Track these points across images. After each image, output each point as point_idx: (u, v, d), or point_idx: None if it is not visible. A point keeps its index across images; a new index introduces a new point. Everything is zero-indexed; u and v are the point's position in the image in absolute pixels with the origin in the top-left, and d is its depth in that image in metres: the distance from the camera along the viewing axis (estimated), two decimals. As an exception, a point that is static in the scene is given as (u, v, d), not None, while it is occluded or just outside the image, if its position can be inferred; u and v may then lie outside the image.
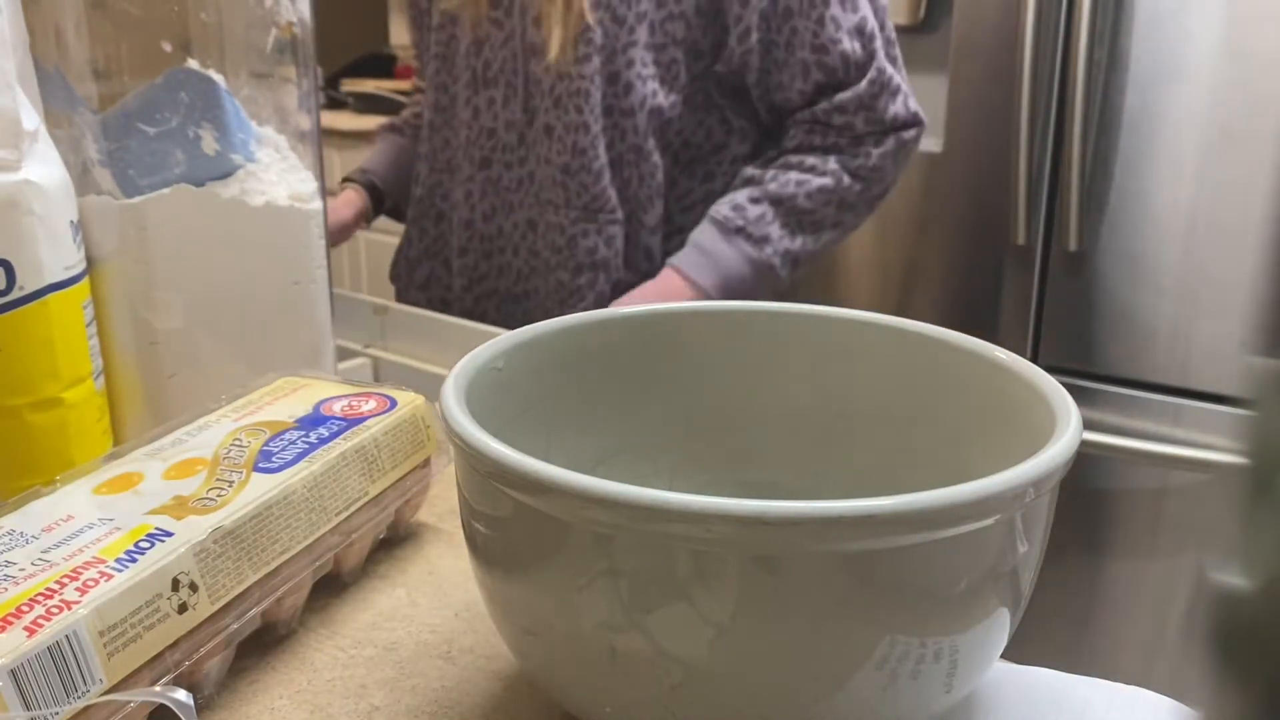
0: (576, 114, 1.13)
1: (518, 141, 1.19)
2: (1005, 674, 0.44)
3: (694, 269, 1.13)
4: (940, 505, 0.31)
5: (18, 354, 0.51)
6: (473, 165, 1.23)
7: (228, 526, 0.43)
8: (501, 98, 1.19)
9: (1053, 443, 0.35)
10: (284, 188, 0.62)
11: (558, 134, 1.15)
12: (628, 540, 0.32)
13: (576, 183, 1.14)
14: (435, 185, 1.30)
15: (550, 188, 1.17)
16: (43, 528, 0.42)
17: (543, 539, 0.34)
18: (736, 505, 0.30)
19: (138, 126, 0.59)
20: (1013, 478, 0.32)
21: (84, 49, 0.58)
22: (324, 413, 0.52)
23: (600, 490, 0.32)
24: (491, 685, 0.44)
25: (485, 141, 1.21)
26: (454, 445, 0.37)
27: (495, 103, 1.19)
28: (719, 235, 1.13)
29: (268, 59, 0.63)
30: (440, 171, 1.29)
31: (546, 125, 1.16)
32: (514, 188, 1.21)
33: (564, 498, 0.33)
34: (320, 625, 0.49)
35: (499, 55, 1.18)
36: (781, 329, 0.50)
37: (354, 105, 2.45)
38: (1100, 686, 0.42)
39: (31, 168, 0.51)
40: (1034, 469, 0.33)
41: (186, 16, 0.60)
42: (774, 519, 0.30)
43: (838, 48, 1.12)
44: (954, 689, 0.35)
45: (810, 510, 0.30)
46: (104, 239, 0.58)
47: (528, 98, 1.17)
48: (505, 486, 0.35)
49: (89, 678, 0.37)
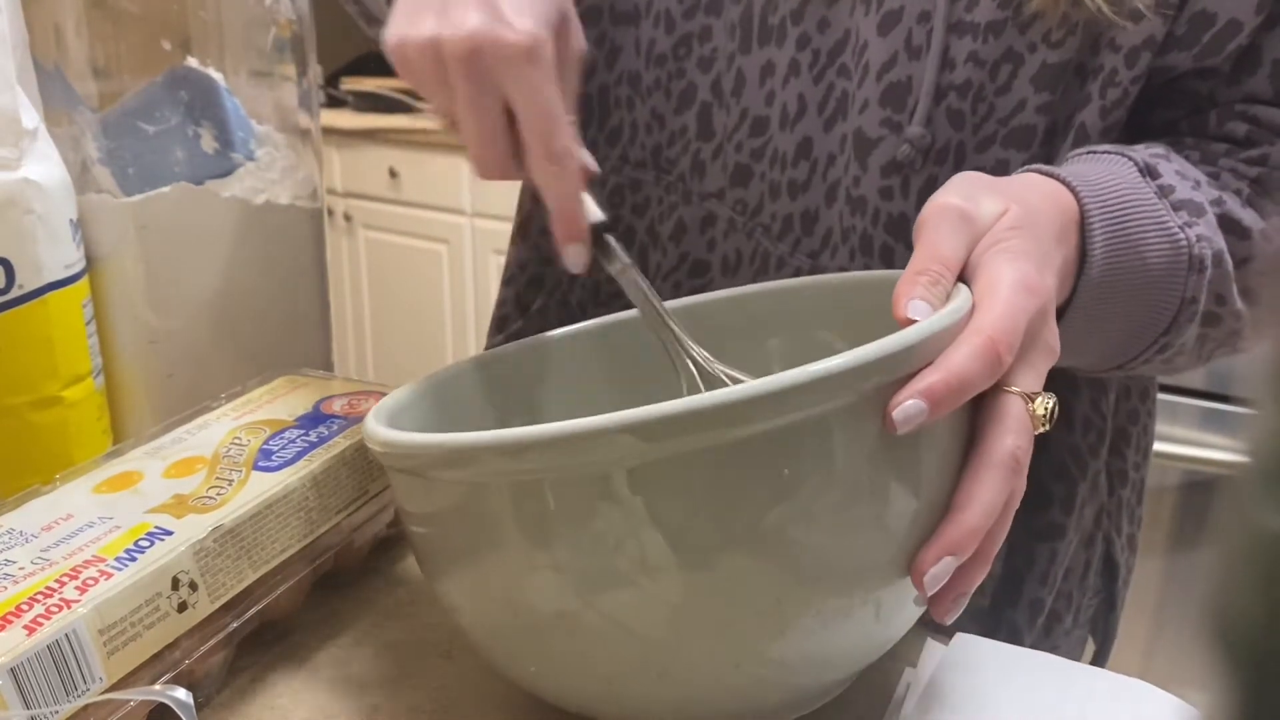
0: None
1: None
2: (1010, 657, 0.44)
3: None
4: (769, 390, 0.32)
5: (17, 353, 0.51)
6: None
7: (228, 525, 0.43)
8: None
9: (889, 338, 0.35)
10: (283, 186, 0.62)
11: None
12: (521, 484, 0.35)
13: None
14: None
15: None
16: (42, 526, 0.42)
17: (467, 511, 0.37)
18: (615, 419, 0.32)
19: (137, 125, 0.59)
20: (836, 364, 0.33)
21: (84, 47, 0.58)
22: (324, 411, 0.52)
23: (466, 443, 0.35)
24: (491, 685, 0.44)
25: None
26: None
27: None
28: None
29: (267, 57, 0.63)
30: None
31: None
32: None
33: (434, 456, 0.36)
34: (320, 624, 0.49)
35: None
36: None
37: (354, 104, 2.45)
38: (1104, 677, 0.42)
39: (31, 166, 0.50)
40: (857, 357, 0.33)
41: (186, 15, 0.60)
42: (656, 421, 0.32)
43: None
44: (882, 615, 0.37)
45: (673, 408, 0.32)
46: (103, 238, 0.58)
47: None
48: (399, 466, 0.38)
49: (89, 676, 0.37)
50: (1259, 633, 0.14)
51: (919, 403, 0.34)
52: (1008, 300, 0.37)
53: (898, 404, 0.34)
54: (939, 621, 0.38)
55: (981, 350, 0.35)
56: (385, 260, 2.42)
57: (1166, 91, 0.51)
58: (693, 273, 0.61)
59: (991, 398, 0.37)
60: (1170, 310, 0.47)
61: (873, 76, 0.52)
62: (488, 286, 2.24)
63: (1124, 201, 0.45)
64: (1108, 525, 0.62)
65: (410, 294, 2.39)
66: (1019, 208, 0.41)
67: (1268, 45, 0.48)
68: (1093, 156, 0.48)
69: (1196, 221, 0.46)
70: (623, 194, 0.63)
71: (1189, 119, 0.52)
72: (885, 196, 0.53)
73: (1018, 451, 0.36)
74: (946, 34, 0.50)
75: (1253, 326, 0.52)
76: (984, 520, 0.36)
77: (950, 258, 0.39)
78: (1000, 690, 0.42)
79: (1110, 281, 0.45)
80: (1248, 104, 0.50)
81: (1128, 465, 0.62)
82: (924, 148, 0.52)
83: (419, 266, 2.34)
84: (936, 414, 0.34)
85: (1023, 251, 0.39)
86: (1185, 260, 0.46)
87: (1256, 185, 0.50)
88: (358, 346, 2.55)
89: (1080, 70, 0.50)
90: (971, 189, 0.41)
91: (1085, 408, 0.58)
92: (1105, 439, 0.59)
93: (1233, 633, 0.14)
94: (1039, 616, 0.60)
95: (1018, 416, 0.37)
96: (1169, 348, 0.48)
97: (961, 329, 0.36)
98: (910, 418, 0.34)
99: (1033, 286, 0.38)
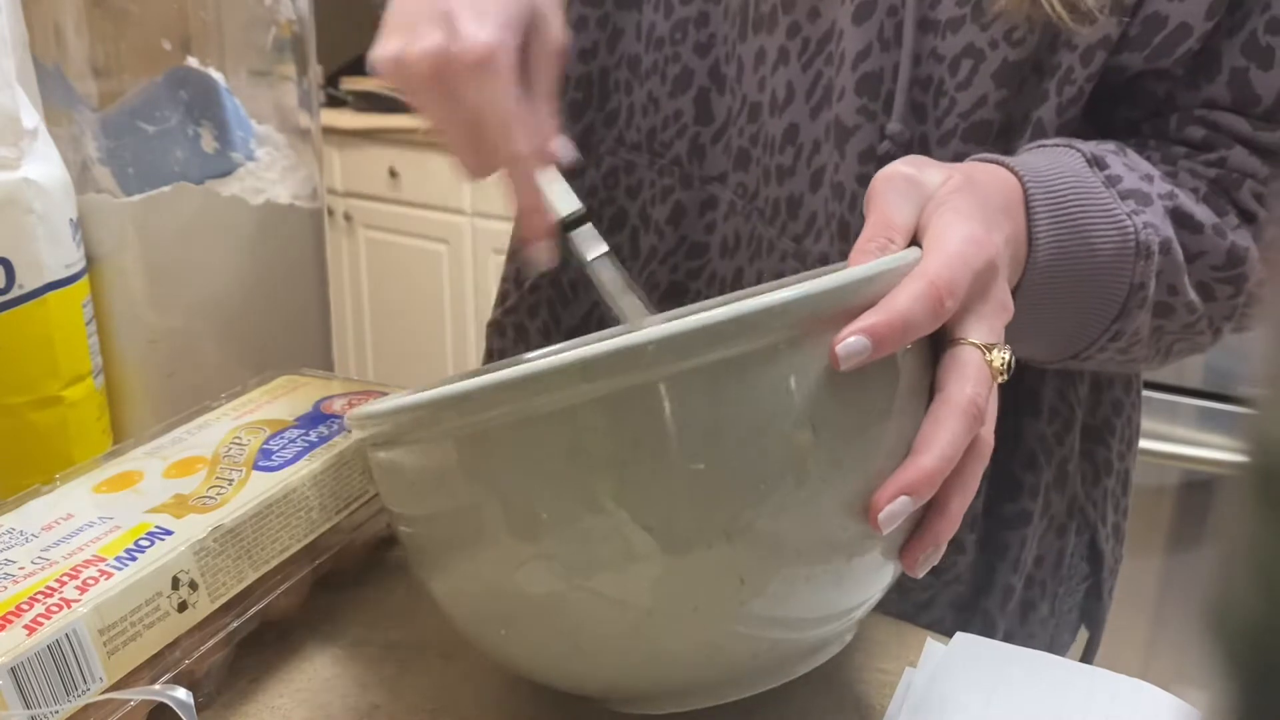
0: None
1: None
2: (1011, 657, 0.44)
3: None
4: (708, 323, 0.33)
5: (17, 352, 0.51)
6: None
7: (228, 525, 0.43)
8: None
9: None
10: (283, 186, 0.62)
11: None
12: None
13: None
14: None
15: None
16: (42, 526, 0.42)
17: (426, 471, 0.37)
18: (567, 358, 0.33)
19: (137, 125, 0.59)
20: (774, 299, 0.33)
21: (84, 47, 0.58)
22: (324, 411, 0.52)
23: (427, 399, 0.35)
24: (491, 685, 0.44)
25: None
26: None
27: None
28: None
29: (267, 57, 0.63)
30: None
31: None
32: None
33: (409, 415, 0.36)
34: (320, 624, 0.49)
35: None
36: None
37: (354, 103, 2.45)
38: (1104, 677, 0.42)
39: (31, 166, 0.50)
40: (798, 291, 0.34)
41: (186, 14, 0.60)
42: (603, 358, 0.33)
43: None
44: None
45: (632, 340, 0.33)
46: (103, 237, 0.58)
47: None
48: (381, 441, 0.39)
49: (89, 676, 0.37)
50: (1259, 632, 0.14)
51: (862, 338, 0.35)
52: (953, 251, 0.38)
53: (841, 339, 0.35)
54: (910, 574, 0.39)
55: (924, 292, 0.36)
56: (385, 260, 2.42)
57: (1125, 91, 0.52)
58: (690, 255, 0.63)
59: (949, 351, 0.38)
60: (1119, 296, 0.48)
61: (849, 65, 0.53)
62: (488, 286, 2.24)
63: (1068, 188, 0.46)
64: (1093, 515, 0.63)
65: (410, 294, 2.39)
66: (962, 176, 0.42)
67: (1227, 53, 0.49)
68: (1040, 149, 0.49)
69: (1143, 210, 0.48)
70: (618, 176, 0.64)
71: (1150, 121, 0.53)
72: (861, 183, 0.54)
73: (977, 398, 0.37)
74: (916, 30, 0.52)
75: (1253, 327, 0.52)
76: (941, 463, 0.36)
77: (899, 224, 0.40)
78: (1000, 690, 0.42)
79: (1056, 266, 0.46)
80: (1207, 109, 0.51)
81: (1112, 454, 0.62)
82: (904, 141, 0.53)
83: (419, 266, 2.34)
84: (880, 352, 0.35)
85: (967, 210, 0.40)
86: (1133, 246, 0.47)
87: (1214, 184, 0.51)
88: (358, 346, 2.55)
89: (1038, 68, 0.51)
90: (917, 161, 0.43)
91: (1052, 396, 0.59)
92: (1073, 427, 0.60)
93: (1233, 632, 0.14)
94: (1009, 602, 0.61)
95: (976, 365, 0.38)
96: (1121, 335, 0.49)
97: (904, 275, 0.37)
98: (853, 353, 0.35)
99: (979, 239, 0.39)
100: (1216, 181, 0.51)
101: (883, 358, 0.35)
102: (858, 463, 0.36)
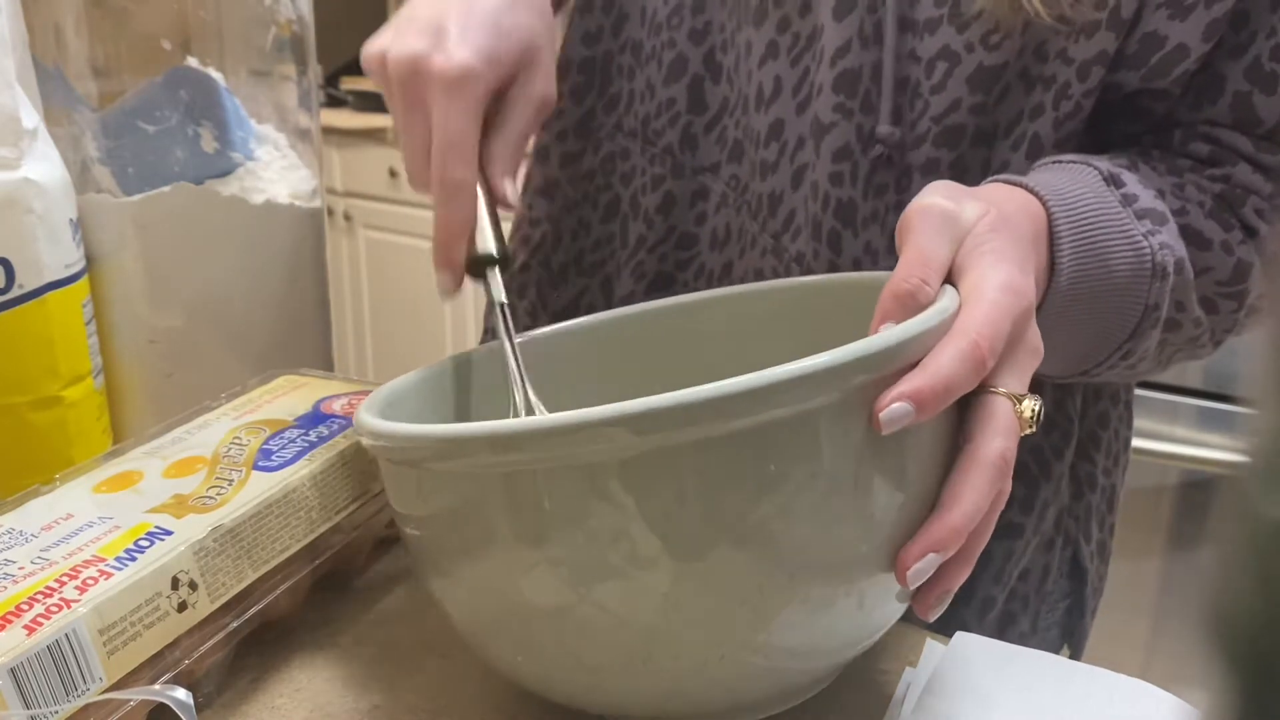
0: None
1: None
2: (1011, 657, 0.44)
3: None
4: (757, 385, 0.32)
5: (17, 352, 0.51)
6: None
7: (227, 525, 0.43)
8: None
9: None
10: (283, 186, 0.62)
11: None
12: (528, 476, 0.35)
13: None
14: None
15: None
16: (42, 526, 0.42)
17: (463, 501, 0.37)
18: (612, 410, 0.32)
19: (137, 124, 0.59)
20: (809, 365, 0.33)
21: (84, 47, 0.58)
22: (324, 411, 0.52)
23: (459, 434, 0.35)
24: (490, 685, 0.44)
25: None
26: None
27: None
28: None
29: (267, 57, 0.63)
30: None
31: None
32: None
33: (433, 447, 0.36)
34: (320, 624, 0.49)
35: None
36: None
37: (354, 103, 2.45)
38: (1104, 676, 0.42)
39: (31, 166, 0.51)
40: (833, 359, 0.33)
41: (186, 14, 0.60)
42: (646, 414, 0.32)
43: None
44: (865, 603, 0.37)
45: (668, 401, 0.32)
46: (103, 237, 0.58)
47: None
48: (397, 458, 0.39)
49: (89, 676, 0.37)
50: (1259, 632, 0.14)
51: (905, 405, 0.34)
52: (993, 302, 0.37)
53: (884, 406, 0.34)
54: (922, 618, 0.39)
55: (967, 353, 0.35)
56: (385, 260, 2.42)
57: (1124, 108, 0.52)
58: (680, 245, 0.62)
59: (979, 399, 0.37)
60: (1134, 317, 0.47)
61: (827, 62, 0.53)
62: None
63: (1090, 210, 0.46)
64: (1075, 530, 0.62)
65: (410, 294, 2.39)
66: (997, 211, 0.41)
67: (1230, 76, 0.49)
68: (1058, 165, 0.48)
69: (1159, 230, 0.47)
70: (613, 162, 0.64)
71: (1153, 135, 0.53)
72: (835, 182, 0.54)
73: (1006, 453, 0.37)
74: (898, 30, 0.51)
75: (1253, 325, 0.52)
76: (969, 520, 0.36)
77: (936, 260, 0.39)
78: (1000, 690, 0.42)
79: (1077, 290, 0.45)
80: (1210, 126, 0.50)
81: (1097, 469, 0.62)
82: (894, 144, 0.52)
83: (419, 266, 2.34)
84: (923, 416, 0.34)
85: (1005, 253, 0.39)
86: (1149, 268, 0.46)
87: (1220, 200, 0.50)
88: (358, 346, 2.55)
89: (1025, 76, 0.50)
90: (952, 191, 0.42)
91: (1050, 408, 0.58)
92: (1071, 440, 0.59)
93: (1232, 632, 0.14)
94: (989, 614, 0.60)
95: (1005, 418, 0.37)
96: (1132, 354, 0.49)
97: (947, 329, 0.36)
98: (896, 419, 0.34)
99: (1017, 288, 0.38)
100: (1221, 196, 0.50)
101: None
102: (887, 514, 0.36)
